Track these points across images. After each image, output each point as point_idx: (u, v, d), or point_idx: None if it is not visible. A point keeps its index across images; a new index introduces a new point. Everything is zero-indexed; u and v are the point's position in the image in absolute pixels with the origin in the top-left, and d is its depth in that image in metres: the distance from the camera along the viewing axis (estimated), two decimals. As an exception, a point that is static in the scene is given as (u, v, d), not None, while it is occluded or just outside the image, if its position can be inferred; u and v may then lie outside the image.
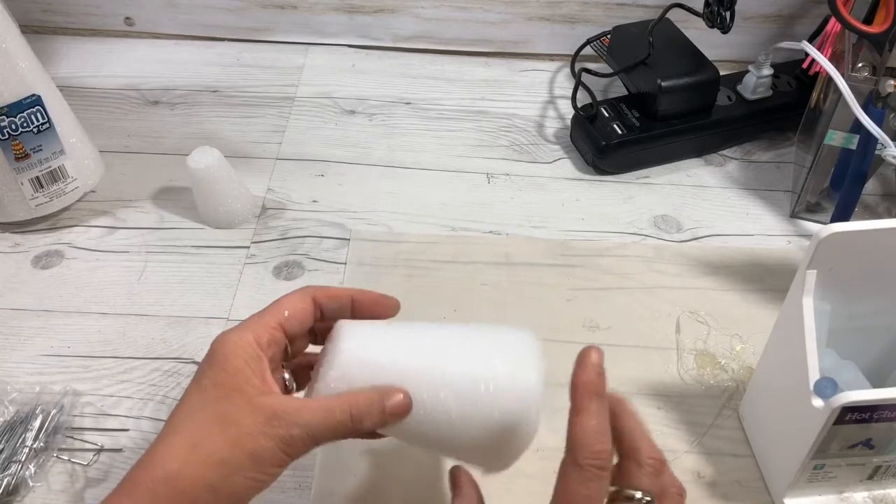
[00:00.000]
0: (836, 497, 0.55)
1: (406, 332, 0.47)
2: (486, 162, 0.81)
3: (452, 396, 0.44)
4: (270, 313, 0.46)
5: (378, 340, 0.46)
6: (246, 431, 0.40)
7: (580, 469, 0.40)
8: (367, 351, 0.45)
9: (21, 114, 0.67)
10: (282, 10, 0.92)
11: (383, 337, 0.47)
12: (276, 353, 0.46)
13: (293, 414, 0.41)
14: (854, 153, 0.69)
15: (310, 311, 0.47)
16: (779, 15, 0.90)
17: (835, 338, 0.55)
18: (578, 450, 0.40)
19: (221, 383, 0.42)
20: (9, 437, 0.56)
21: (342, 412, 0.42)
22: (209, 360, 0.43)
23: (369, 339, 0.46)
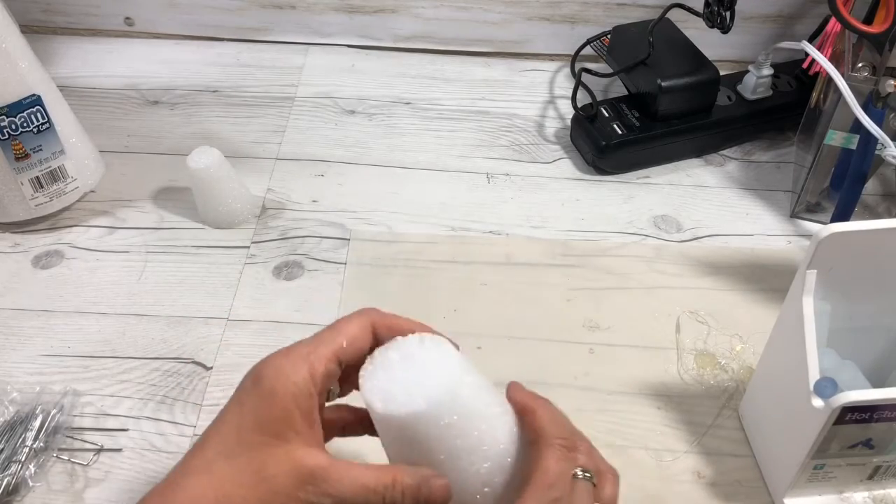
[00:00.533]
0: (836, 497, 0.55)
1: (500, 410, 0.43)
2: (486, 162, 0.81)
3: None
4: (327, 342, 0.42)
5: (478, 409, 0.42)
6: (278, 491, 0.38)
7: (553, 447, 0.41)
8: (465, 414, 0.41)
9: (21, 114, 0.67)
10: (281, 10, 0.92)
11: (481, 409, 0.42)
12: (328, 387, 0.42)
13: (329, 482, 0.38)
14: (854, 153, 0.69)
15: (368, 341, 0.43)
16: (779, 15, 0.90)
17: (835, 338, 0.55)
18: (548, 435, 0.42)
19: (265, 425, 0.39)
20: (9, 437, 0.56)
21: (376, 495, 0.39)
22: (256, 390, 0.39)
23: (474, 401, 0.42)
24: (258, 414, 0.39)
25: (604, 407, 0.61)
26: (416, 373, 0.41)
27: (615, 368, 0.64)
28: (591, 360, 0.64)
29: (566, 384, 0.63)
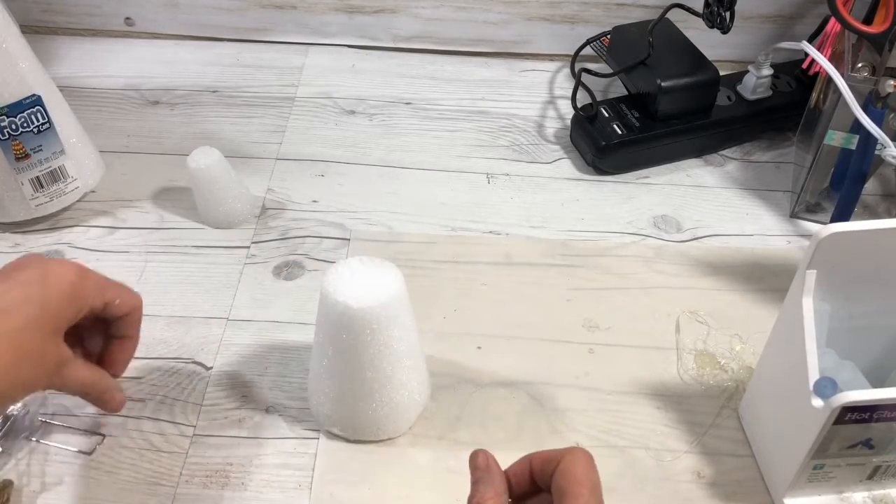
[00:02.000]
0: (836, 497, 0.55)
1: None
2: (486, 162, 0.81)
3: None
4: (113, 292, 0.53)
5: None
6: (45, 368, 0.48)
7: (587, 456, 0.42)
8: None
9: (21, 114, 0.67)
10: (281, 10, 0.92)
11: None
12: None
13: (67, 373, 0.49)
14: (854, 153, 0.69)
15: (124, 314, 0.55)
16: (779, 15, 0.90)
17: (835, 338, 0.55)
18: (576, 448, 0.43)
19: (57, 316, 0.48)
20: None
21: (92, 395, 0.52)
22: (69, 294, 0.49)
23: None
24: (60, 311, 0.48)
25: (604, 407, 0.61)
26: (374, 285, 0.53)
27: (615, 368, 0.64)
28: (591, 360, 0.64)
29: (566, 384, 0.63)
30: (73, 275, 0.49)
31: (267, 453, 0.58)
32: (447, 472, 0.57)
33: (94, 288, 0.51)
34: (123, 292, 0.53)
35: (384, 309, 0.52)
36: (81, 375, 0.51)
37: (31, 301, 0.47)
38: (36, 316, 0.46)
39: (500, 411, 0.60)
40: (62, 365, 0.49)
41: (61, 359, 0.49)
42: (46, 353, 0.47)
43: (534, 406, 0.61)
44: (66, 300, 0.48)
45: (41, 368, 0.47)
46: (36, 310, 0.47)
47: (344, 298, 0.51)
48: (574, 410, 0.61)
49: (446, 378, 0.62)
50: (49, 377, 0.48)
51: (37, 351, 0.47)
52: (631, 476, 0.57)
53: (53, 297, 0.48)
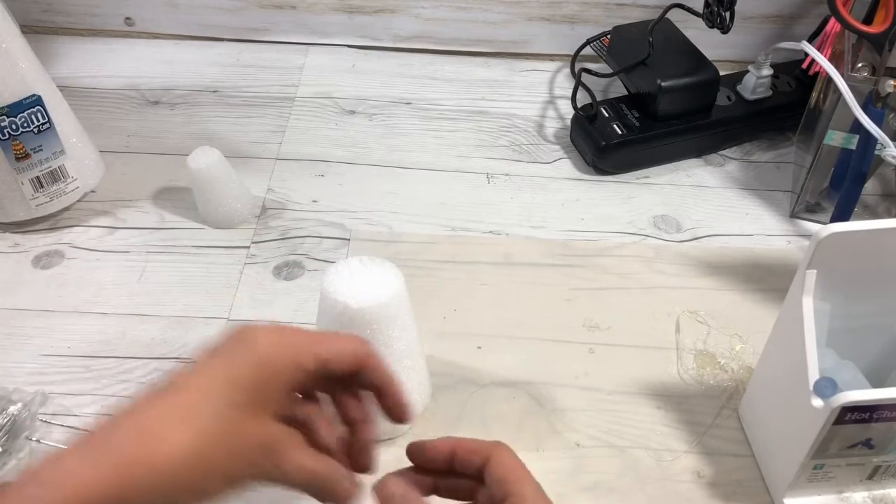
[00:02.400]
0: (836, 497, 0.55)
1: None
2: (486, 162, 0.81)
3: None
4: (325, 345, 0.42)
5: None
6: (245, 456, 0.39)
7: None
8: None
9: (21, 114, 0.67)
10: (281, 10, 0.92)
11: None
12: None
13: (283, 457, 0.40)
14: (854, 153, 0.69)
15: (349, 364, 0.43)
16: (779, 15, 0.90)
17: (835, 338, 0.55)
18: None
19: (257, 391, 0.39)
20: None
21: (315, 477, 0.41)
22: (252, 353, 0.40)
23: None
24: (252, 380, 0.39)
25: (604, 407, 0.61)
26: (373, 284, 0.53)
27: (615, 368, 0.64)
28: (591, 360, 0.64)
29: (566, 384, 0.63)
30: (266, 338, 0.40)
31: (267, 453, 0.58)
32: (447, 472, 0.57)
33: (298, 347, 0.41)
34: (340, 343, 0.43)
35: (383, 309, 0.52)
36: (303, 463, 0.41)
37: (211, 373, 0.39)
38: (219, 390, 0.38)
39: (500, 411, 0.60)
40: (271, 449, 0.39)
41: (267, 440, 0.39)
42: (243, 433, 0.39)
43: (534, 406, 0.61)
44: (260, 368, 0.39)
45: (240, 454, 0.39)
46: (219, 383, 0.39)
47: (343, 298, 0.51)
48: (574, 410, 0.61)
49: (446, 378, 0.62)
50: (256, 464, 0.39)
51: (227, 431, 0.38)
52: (631, 476, 0.57)
53: (243, 366, 0.39)
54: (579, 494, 0.56)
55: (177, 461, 0.37)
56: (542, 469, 0.57)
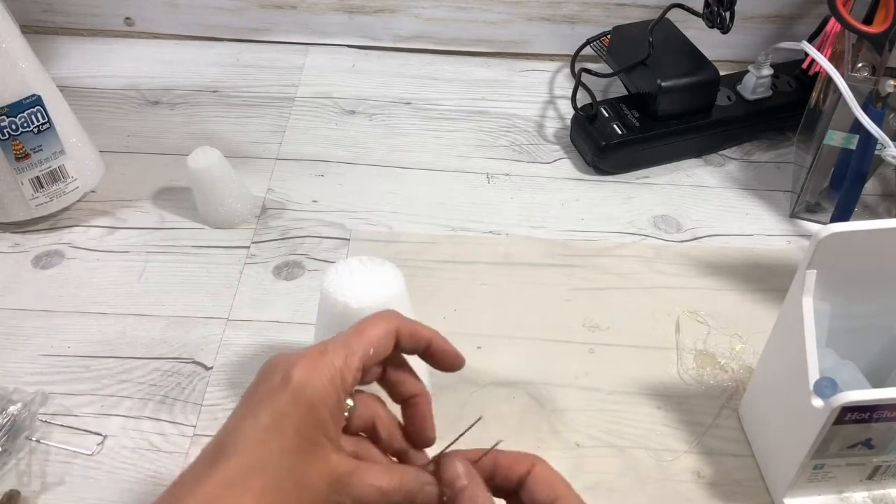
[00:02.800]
0: (836, 497, 0.55)
1: None
2: (486, 162, 0.81)
3: None
4: (356, 351, 0.41)
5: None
6: (314, 498, 0.38)
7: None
8: None
9: (21, 114, 0.67)
10: (282, 10, 0.92)
11: None
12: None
13: (353, 486, 0.39)
14: (854, 153, 0.69)
15: (390, 348, 0.42)
16: (779, 15, 0.90)
17: (835, 338, 0.55)
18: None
19: (303, 432, 0.38)
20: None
21: (386, 497, 0.40)
22: (291, 395, 0.38)
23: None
24: (295, 420, 0.38)
25: (604, 407, 0.61)
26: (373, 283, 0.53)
27: (615, 368, 0.64)
28: (591, 360, 0.64)
29: (566, 384, 0.63)
30: (300, 372, 0.38)
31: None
32: (447, 472, 0.57)
33: (333, 370, 0.39)
34: (371, 335, 0.42)
35: (383, 308, 0.52)
36: (376, 484, 0.40)
37: (255, 427, 0.37)
38: (269, 443, 0.37)
39: (500, 411, 0.60)
40: (340, 482, 0.39)
41: (333, 476, 0.39)
42: (305, 478, 0.38)
43: (534, 406, 0.61)
44: (302, 407, 0.38)
45: (310, 500, 0.38)
46: (268, 436, 0.37)
47: (343, 298, 0.51)
48: (574, 410, 0.61)
49: (446, 378, 0.62)
50: (330, 502, 0.39)
51: (289, 483, 0.37)
52: (631, 476, 0.57)
53: (285, 409, 0.38)
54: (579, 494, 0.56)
55: None
56: (542, 469, 0.57)
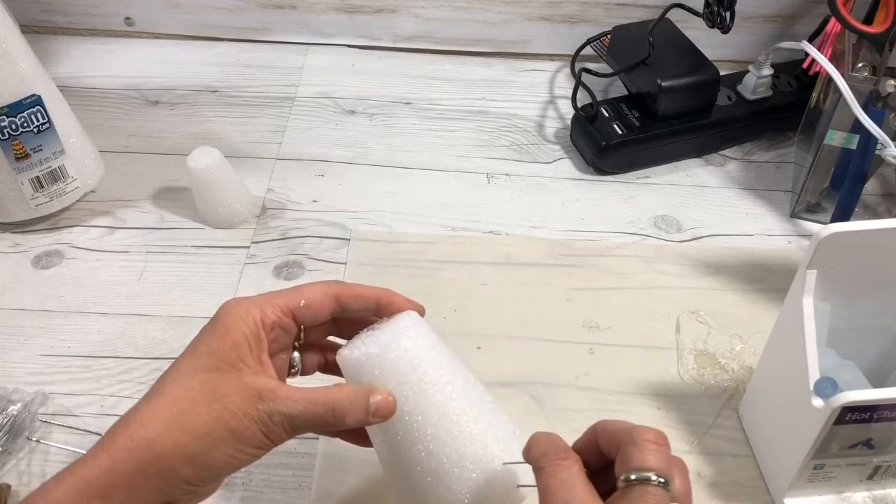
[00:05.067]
0: (837, 497, 0.55)
1: (451, 371, 0.46)
2: (486, 162, 0.81)
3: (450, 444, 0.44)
4: (285, 297, 0.45)
5: (429, 358, 0.45)
6: (231, 409, 0.41)
7: (542, 470, 0.39)
8: (412, 359, 0.45)
9: (21, 114, 0.67)
10: (282, 10, 0.92)
11: (435, 360, 0.45)
12: (282, 337, 0.46)
13: (277, 400, 0.42)
14: (854, 153, 0.69)
15: (329, 308, 0.46)
16: (779, 15, 0.90)
17: (835, 338, 0.55)
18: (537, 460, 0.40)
19: (217, 354, 0.42)
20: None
21: (325, 405, 0.42)
22: (211, 327, 0.43)
23: (421, 344, 0.45)
24: (211, 346, 0.42)
25: (604, 407, 0.61)
26: (382, 332, 0.46)
27: (615, 368, 0.64)
28: (591, 360, 0.64)
29: (566, 384, 0.63)
30: (225, 306, 0.44)
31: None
32: (447, 472, 0.57)
33: (251, 306, 0.44)
34: (303, 290, 0.46)
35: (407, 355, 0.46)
36: (301, 395, 0.42)
37: (179, 358, 0.43)
38: (185, 365, 0.42)
39: (501, 411, 0.60)
40: (260, 396, 0.41)
41: (250, 390, 0.41)
42: (217, 390, 0.41)
43: (534, 406, 0.61)
44: (215, 332, 0.43)
45: (224, 409, 0.40)
46: (185, 360, 0.42)
47: (354, 353, 0.46)
48: (574, 410, 0.61)
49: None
50: (249, 414, 0.41)
51: (201, 392, 0.41)
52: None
53: (202, 337, 0.43)
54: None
55: (158, 430, 0.40)
56: (543, 469, 0.57)
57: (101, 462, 0.39)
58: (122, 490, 0.39)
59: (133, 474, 0.39)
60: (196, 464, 0.40)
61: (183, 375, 0.42)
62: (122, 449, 0.39)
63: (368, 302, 0.47)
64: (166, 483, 0.40)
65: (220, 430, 0.40)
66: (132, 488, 0.39)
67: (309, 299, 0.46)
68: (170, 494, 0.40)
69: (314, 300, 0.46)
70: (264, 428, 0.41)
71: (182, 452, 0.40)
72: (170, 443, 0.40)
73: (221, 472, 0.42)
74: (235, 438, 0.41)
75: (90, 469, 0.39)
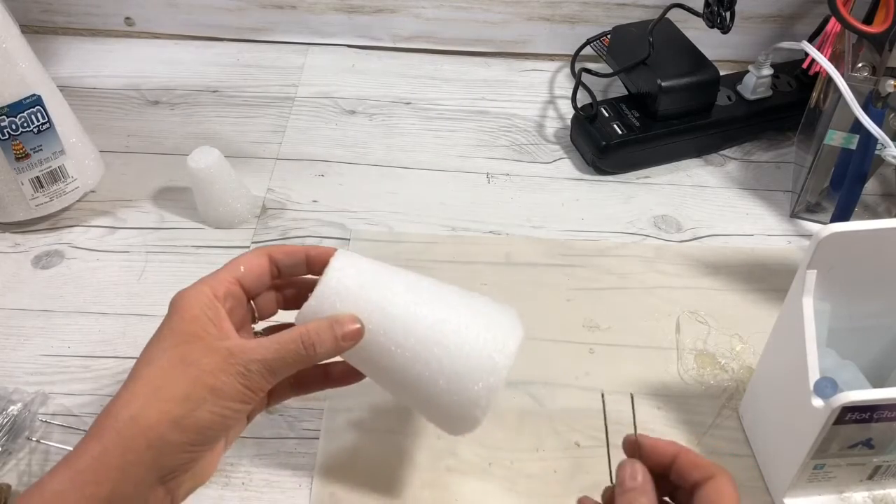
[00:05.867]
0: (837, 497, 0.55)
1: (395, 276, 0.49)
2: (486, 162, 0.81)
3: (416, 339, 0.47)
4: (225, 269, 0.47)
5: (364, 274, 0.48)
6: (206, 370, 0.42)
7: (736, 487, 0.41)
8: (349, 283, 0.47)
9: (21, 114, 0.67)
10: (282, 10, 0.92)
11: (372, 273, 0.48)
12: (236, 308, 0.48)
13: (248, 351, 0.43)
14: (854, 153, 0.69)
15: (266, 267, 0.49)
16: (779, 15, 0.90)
17: (835, 338, 0.55)
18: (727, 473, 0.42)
19: (179, 331, 0.44)
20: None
21: (293, 341, 0.44)
22: (168, 314, 0.45)
23: (356, 272, 0.48)
24: (172, 328, 0.44)
25: (604, 407, 0.61)
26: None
27: (615, 368, 0.64)
28: (591, 360, 0.64)
29: (566, 384, 0.63)
30: (175, 297, 0.46)
31: (267, 453, 0.58)
32: (446, 471, 0.57)
33: (198, 285, 0.46)
34: (240, 260, 0.48)
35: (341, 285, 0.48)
36: (271, 339, 0.44)
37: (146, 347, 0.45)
38: (151, 349, 0.44)
39: (500, 411, 0.60)
40: (234, 352, 0.43)
41: (222, 350, 0.43)
42: (188, 360, 0.42)
43: (534, 406, 0.61)
44: (171, 316, 0.45)
45: (200, 373, 0.42)
46: (149, 347, 0.44)
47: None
48: (574, 410, 0.61)
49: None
50: (226, 370, 0.42)
51: (170, 365, 0.42)
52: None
53: (162, 324, 0.45)
54: (579, 494, 0.56)
55: (139, 405, 0.41)
56: (542, 469, 0.57)
57: (91, 449, 0.40)
58: (114, 472, 0.40)
59: (124, 453, 0.40)
60: (183, 426, 0.41)
61: (152, 359, 0.43)
62: (109, 431, 0.41)
63: (298, 255, 0.49)
64: (159, 453, 0.41)
65: (199, 390, 0.42)
66: (125, 469, 0.40)
67: (246, 265, 0.48)
68: (165, 466, 0.41)
69: (251, 263, 0.48)
70: (243, 379, 0.43)
71: (167, 419, 0.41)
72: (153, 413, 0.41)
73: (211, 433, 0.43)
74: (216, 395, 0.42)
75: (81, 458, 0.40)
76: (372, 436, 0.59)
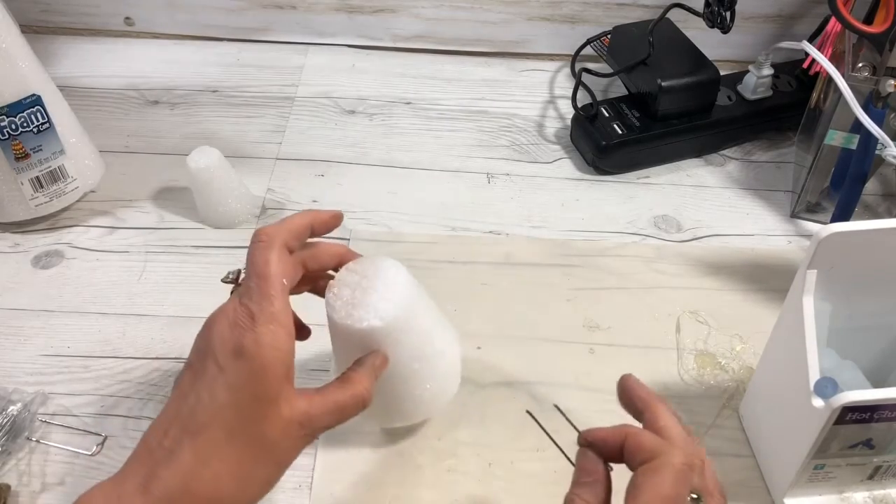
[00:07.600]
0: (837, 497, 0.55)
1: (428, 311, 0.54)
2: (486, 162, 0.81)
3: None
4: (281, 298, 0.43)
5: (415, 312, 0.51)
6: (281, 446, 0.43)
7: (676, 470, 0.40)
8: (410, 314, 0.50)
9: (21, 114, 0.67)
10: (282, 10, 0.92)
11: (418, 310, 0.52)
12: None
13: (314, 419, 0.43)
14: (854, 153, 0.69)
15: (300, 268, 0.49)
16: (779, 15, 0.90)
17: (835, 338, 0.55)
18: (676, 452, 0.40)
19: (261, 399, 0.41)
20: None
21: (354, 406, 0.45)
22: (244, 365, 0.41)
23: (413, 304, 0.50)
24: (253, 391, 0.41)
25: (604, 407, 0.61)
26: (376, 293, 0.49)
27: (615, 368, 0.63)
28: (591, 360, 0.64)
29: (566, 384, 0.63)
30: (248, 344, 0.42)
31: (267, 453, 0.58)
32: (447, 471, 0.57)
33: (278, 331, 0.42)
34: (285, 272, 0.45)
35: (405, 312, 0.50)
36: (329, 401, 0.44)
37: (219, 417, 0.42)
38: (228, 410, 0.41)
39: (500, 411, 0.60)
40: (301, 421, 0.43)
41: (292, 420, 0.42)
42: (268, 436, 0.42)
43: (534, 406, 0.61)
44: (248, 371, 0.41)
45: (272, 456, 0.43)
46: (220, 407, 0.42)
47: (366, 323, 0.48)
48: (574, 410, 0.61)
49: (446, 378, 0.62)
50: (296, 444, 0.43)
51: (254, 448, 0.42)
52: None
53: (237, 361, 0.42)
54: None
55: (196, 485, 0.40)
56: (542, 469, 0.57)
57: None
58: None
59: None
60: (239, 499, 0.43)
61: (234, 434, 0.41)
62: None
63: (305, 235, 0.50)
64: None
65: (271, 471, 0.43)
66: None
67: (290, 280, 0.46)
68: None
69: (292, 278, 0.47)
70: (306, 443, 0.44)
71: (227, 493, 0.42)
72: (209, 489, 0.41)
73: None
74: (283, 467, 0.44)
75: None
76: (372, 436, 0.59)
